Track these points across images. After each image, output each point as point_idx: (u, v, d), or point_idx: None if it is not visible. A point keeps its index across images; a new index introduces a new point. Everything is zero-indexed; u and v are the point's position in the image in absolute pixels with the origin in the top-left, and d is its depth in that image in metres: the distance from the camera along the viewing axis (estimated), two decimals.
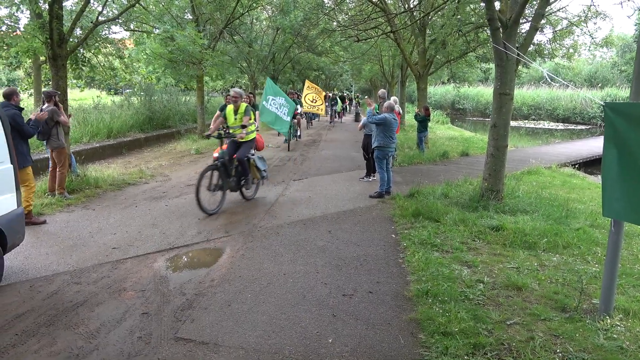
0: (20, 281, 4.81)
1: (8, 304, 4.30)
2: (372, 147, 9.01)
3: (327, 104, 26.90)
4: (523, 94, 43.94)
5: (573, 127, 38.31)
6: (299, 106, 16.89)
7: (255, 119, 10.81)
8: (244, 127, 7.71)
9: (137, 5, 11.72)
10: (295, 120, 16.92)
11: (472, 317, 4.04)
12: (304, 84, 21.90)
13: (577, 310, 4.21)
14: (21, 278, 4.89)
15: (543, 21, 12.30)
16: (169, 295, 4.54)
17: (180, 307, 4.26)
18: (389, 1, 16.09)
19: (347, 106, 38.45)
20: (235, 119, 7.91)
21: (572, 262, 5.54)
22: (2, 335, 3.73)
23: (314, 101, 20.72)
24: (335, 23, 17.33)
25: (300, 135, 18.92)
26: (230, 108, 7.99)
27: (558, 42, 15.40)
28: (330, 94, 31.50)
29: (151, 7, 17.04)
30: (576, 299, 4.37)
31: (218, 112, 9.71)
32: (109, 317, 4.06)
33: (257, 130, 10.68)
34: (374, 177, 10.10)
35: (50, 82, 9.51)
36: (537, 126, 38.82)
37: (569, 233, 6.45)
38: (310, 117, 24.41)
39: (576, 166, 15.79)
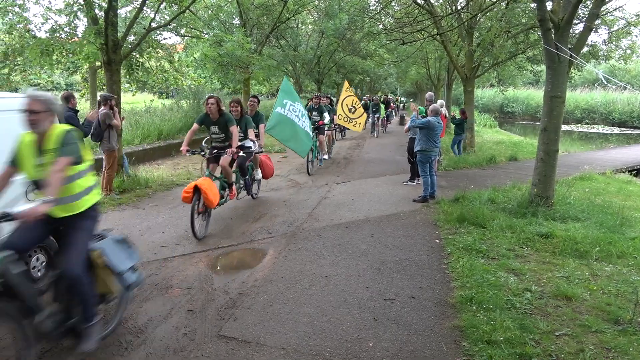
0: None
1: None
2: (415, 150, 8.92)
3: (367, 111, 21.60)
4: (576, 96, 42.36)
5: (630, 131, 36.58)
6: (326, 114, 12.35)
7: (258, 135, 8.18)
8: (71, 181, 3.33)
9: (187, 11, 12.07)
10: (326, 135, 12.59)
11: (518, 326, 3.92)
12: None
13: (632, 323, 4.01)
14: None
15: (598, 21, 11.81)
16: (213, 293, 4.64)
17: (224, 306, 4.35)
18: (436, 3, 15.87)
19: (393, 112, 31.76)
20: (41, 164, 3.29)
21: (627, 273, 5.29)
22: None
23: (352, 110, 15.84)
24: (380, 26, 17.24)
25: (329, 156, 13.94)
26: (26, 140, 3.36)
27: (614, 43, 14.74)
28: (367, 97, 26.83)
29: (200, 13, 17.53)
30: (630, 311, 4.17)
31: (195, 125, 6.99)
32: (156, 313, 4.19)
33: (262, 152, 8.27)
34: (417, 181, 9.98)
35: (105, 86, 9.94)
36: (590, 130, 37.32)
37: (623, 242, 6.15)
38: (343, 127, 19.35)
39: (633, 172, 15.06)
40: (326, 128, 12.58)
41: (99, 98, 8.65)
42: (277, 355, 3.54)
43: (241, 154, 7.12)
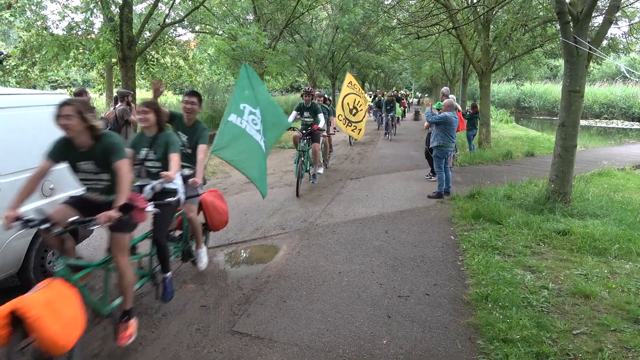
0: None
1: None
2: (431, 146, 8.83)
3: (372, 110, 21.52)
4: (595, 91, 41.62)
5: None
6: (321, 116, 9.07)
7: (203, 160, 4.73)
8: None
9: (201, 7, 12.11)
10: (322, 142, 9.88)
11: (535, 324, 3.86)
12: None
13: None
14: None
15: (618, 13, 11.56)
16: (226, 289, 4.65)
17: (237, 302, 4.36)
18: None
19: (405, 110, 28.98)
20: None
21: None
22: None
23: (354, 111, 12.95)
24: (395, 20, 17.10)
25: (326, 164, 11.35)
26: None
27: (635, 35, 14.42)
28: (378, 92, 24.33)
29: (215, 9, 17.59)
30: None
31: (45, 163, 3.23)
32: (170, 308, 4.21)
33: (200, 194, 5.10)
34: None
35: (120, 83, 10.03)
36: (609, 125, 36.63)
37: None
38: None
39: None
40: (322, 134, 9.56)
41: (115, 94, 8.72)
42: (290, 352, 3.53)
43: (149, 208, 3.55)
